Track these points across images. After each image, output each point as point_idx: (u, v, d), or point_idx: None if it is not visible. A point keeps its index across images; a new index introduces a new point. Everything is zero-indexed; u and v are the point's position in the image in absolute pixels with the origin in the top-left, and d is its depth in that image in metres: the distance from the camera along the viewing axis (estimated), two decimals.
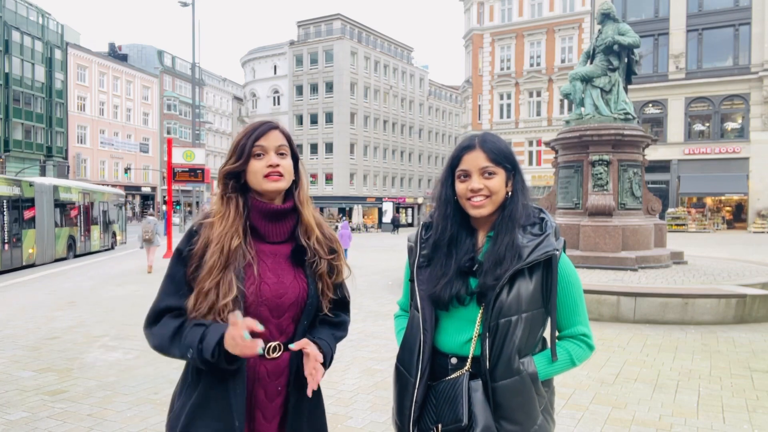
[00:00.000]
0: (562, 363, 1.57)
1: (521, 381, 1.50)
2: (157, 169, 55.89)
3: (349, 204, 49.94)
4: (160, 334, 1.53)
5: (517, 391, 1.50)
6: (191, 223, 1.69)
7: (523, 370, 1.50)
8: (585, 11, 38.36)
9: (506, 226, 1.56)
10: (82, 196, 19.81)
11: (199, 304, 1.50)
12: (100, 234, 21.37)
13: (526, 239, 1.54)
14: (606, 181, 10.38)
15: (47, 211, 16.87)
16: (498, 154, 1.58)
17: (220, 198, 1.64)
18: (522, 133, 40.46)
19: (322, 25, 54.72)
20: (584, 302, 1.62)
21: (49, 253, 16.85)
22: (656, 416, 4.08)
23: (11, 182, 15.38)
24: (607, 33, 11.21)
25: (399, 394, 1.64)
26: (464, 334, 1.57)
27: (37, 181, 17.37)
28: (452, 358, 1.57)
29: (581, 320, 1.60)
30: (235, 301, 1.50)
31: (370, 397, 4.48)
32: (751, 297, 7.40)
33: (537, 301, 1.53)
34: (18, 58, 41.89)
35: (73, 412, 4.16)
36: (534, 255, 1.51)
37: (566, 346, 1.59)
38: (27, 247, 15.40)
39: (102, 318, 7.92)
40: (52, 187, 17.54)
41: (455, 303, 1.56)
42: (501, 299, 1.49)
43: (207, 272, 1.51)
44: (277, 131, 1.62)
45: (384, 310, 8.29)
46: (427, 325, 1.58)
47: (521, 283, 1.51)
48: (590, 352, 1.62)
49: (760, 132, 32.09)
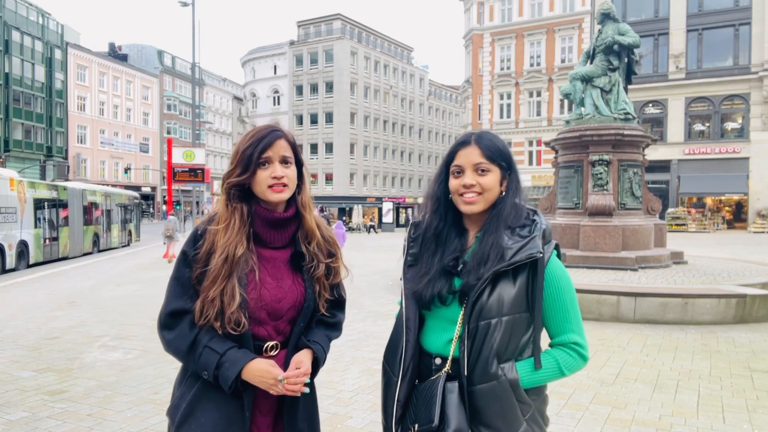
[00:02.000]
0: (548, 371, 1.51)
1: (500, 386, 1.45)
2: (157, 169, 55.91)
3: (349, 204, 49.93)
4: (176, 346, 1.59)
5: (495, 396, 1.45)
6: (196, 226, 1.72)
7: (501, 375, 1.45)
8: (585, 11, 38.35)
9: (493, 226, 1.54)
10: (104, 198, 22.17)
11: (206, 311, 1.55)
12: (119, 232, 23.67)
13: (512, 241, 1.51)
14: (606, 181, 10.38)
15: (77, 212, 19.32)
16: (493, 151, 1.56)
17: (224, 205, 1.65)
18: (522, 133, 40.46)
19: (322, 25, 54.73)
20: (578, 309, 1.56)
21: (78, 248, 19.26)
22: (656, 416, 4.08)
23: (50, 187, 18.08)
24: (607, 33, 11.21)
25: (383, 393, 1.63)
26: (446, 334, 1.55)
27: (69, 185, 19.83)
28: (436, 358, 1.56)
29: (573, 328, 1.53)
30: (239, 309, 1.54)
31: (370, 397, 4.48)
32: (751, 297, 7.40)
33: (520, 305, 1.49)
34: (18, 58, 41.90)
35: (73, 412, 4.16)
36: (517, 257, 1.47)
37: (555, 354, 1.52)
38: (62, 242, 17.97)
39: (102, 318, 7.92)
40: (81, 191, 20.07)
41: (437, 302, 1.55)
42: (481, 301, 1.47)
43: (212, 281, 1.55)
44: (282, 140, 1.64)
45: (384, 310, 8.29)
46: (410, 324, 1.57)
47: (504, 285, 1.48)
48: (583, 363, 1.54)
49: (760, 132, 32.09)
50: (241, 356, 1.54)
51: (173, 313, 1.59)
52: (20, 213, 15.43)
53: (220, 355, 1.53)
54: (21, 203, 15.55)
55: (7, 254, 14.57)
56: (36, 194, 16.56)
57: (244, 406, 1.57)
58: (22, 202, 15.60)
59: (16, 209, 15.22)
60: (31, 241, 16.00)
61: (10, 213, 14.94)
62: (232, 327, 1.53)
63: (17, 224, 15.23)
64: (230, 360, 1.53)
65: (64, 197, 18.44)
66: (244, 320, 1.54)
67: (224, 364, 1.52)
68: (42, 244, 16.66)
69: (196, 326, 1.57)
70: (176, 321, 1.59)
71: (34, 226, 16.21)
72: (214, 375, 1.52)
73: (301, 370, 1.58)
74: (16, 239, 15.07)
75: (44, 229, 16.83)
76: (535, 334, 1.53)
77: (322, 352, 1.68)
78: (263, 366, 1.54)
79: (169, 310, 1.60)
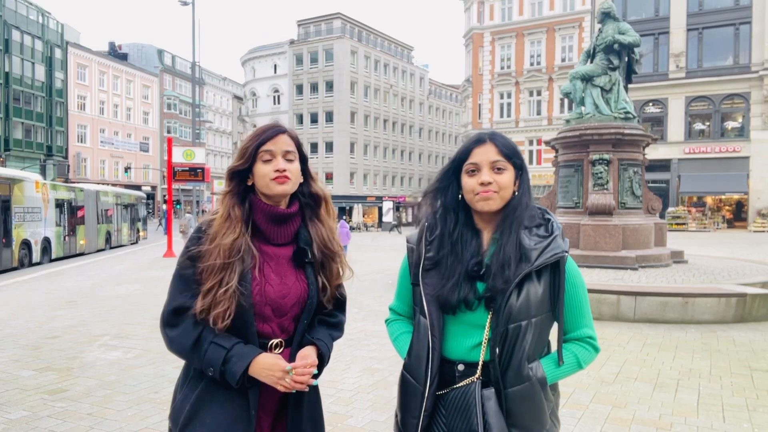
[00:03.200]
0: (569, 366, 1.55)
1: (531, 387, 1.47)
2: (157, 168, 55.89)
3: (350, 203, 49.90)
4: (180, 343, 1.57)
5: (528, 397, 1.47)
6: (199, 223, 1.72)
7: (532, 375, 1.47)
8: (585, 10, 38.34)
9: (510, 227, 1.53)
10: (115, 199, 23.85)
11: (204, 304, 1.54)
12: (128, 230, 25.35)
13: (533, 241, 1.51)
14: (606, 180, 10.37)
15: (92, 211, 21.04)
16: (509, 149, 1.57)
17: (223, 197, 1.67)
18: (522, 132, 40.45)
19: (322, 24, 54.71)
20: (589, 304, 1.60)
21: (93, 244, 20.97)
22: (656, 415, 4.08)
23: (69, 189, 20.12)
24: (608, 32, 11.20)
25: (406, 404, 1.58)
26: (471, 340, 1.52)
27: (85, 187, 21.69)
28: (459, 364, 1.52)
29: (587, 322, 1.58)
30: (233, 299, 1.53)
31: (371, 396, 4.48)
32: (752, 296, 7.40)
33: (545, 305, 1.51)
34: (18, 57, 41.88)
35: (73, 411, 4.16)
36: (543, 258, 1.48)
37: (573, 349, 1.56)
38: (79, 239, 19.77)
39: (102, 317, 7.92)
40: (96, 192, 21.83)
41: (462, 307, 1.52)
42: (511, 304, 1.46)
43: (209, 272, 1.56)
44: (285, 135, 1.65)
45: (384, 310, 8.20)
46: (435, 331, 1.53)
47: (530, 286, 1.48)
48: (596, 354, 1.60)
49: (760, 131, 32.08)
50: (249, 351, 1.54)
51: (176, 310, 1.58)
52: (44, 212, 17.00)
53: (227, 350, 1.52)
54: (45, 204, 17.09)
55: (33, 249, 16.17)
56: (57, 195, 18.16)
57: (249, 405, 1.56)
58: (45, 202, 17.16)
59: (40, 209, 16.78)
60: (53, 238, 17.58)
61: (36, 212, 16.50)
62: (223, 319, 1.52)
63: (42, 222, 16.81)
64: (237, 355, 1.52)
65: (81, 198, 20.10)
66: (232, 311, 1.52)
67: (231, 359, 1.51)
68: (62, 240, 18.30)
69: (200, 323, 1.56)
70: (180, 318, 1.58)
71: (55, 224, 17.82)
72: (220, 371, 1.51)
73: (308, 362, 1.57)
74: (41, 236, 16.67)
75: (64, 227, 18.45)
76: (559, 331, 1.55)
77: (326, 349, 1.67)
78: (271, 360, 1.54)
79: (173, 308, 1.59)
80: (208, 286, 1.54)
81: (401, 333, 1.72)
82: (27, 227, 15.82)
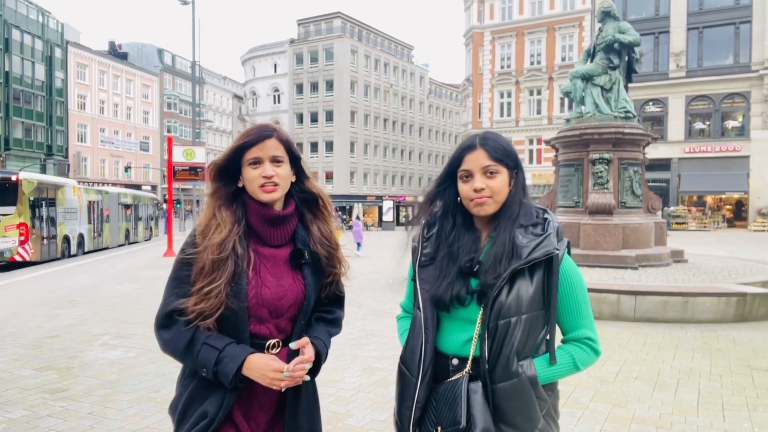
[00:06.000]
0: (563, 367, 1.55)
1: (520, 384, 1.48)
2: (157, 167, 55.85)
3: (350, 202, 49.91)
4: (173, 345, 1.58)
5: (516, 394, 1.48)
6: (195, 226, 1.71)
7: (522, 372, 1.48)
8: (585, 9, 38.31)
9: (505, 225, 1.55)
10: (133, 199, 26.66)
11: (196, 305, 1.54)
12: (143, 228, 28.05)
13: (527, 239, 1.52)
14: (606, 180, 10.37)
15: (115, 211, 23.84)
16: (499, 152, 1.57)
17: (208, 198, 1.67)
18: (522, 131, 40.44)
19: (323, 23, 54.68)
20: (589, 305, 1.59)
21: (116, 240, 23.84)
22: (656, 414, 4.08)
23: (97, 191, 22.98)
24: (608, 31, 11.19)
25: (401, 395, 1.63)
26: (464, 335, 1.55)
27: (110, 190, 24.72)
28: (453, 359, 1.56)
29: (586, 323, 1.57)
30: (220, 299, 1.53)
31: (371, 395, 4.48)
32: (752, 295, 7.40)
33: (537, 303, 1.51)
34: (18, 56, 41.87)
35: (73, 410, 4.16)
36: (533, 255, 1.49)
37: (569, 350, 1.56)
38: (105, 235, 22.65)
39: (103, 316, 7.92)
40: (117, 194, 24.73)
41: (455, 304, 1.55)
42: (500, 300, 1.48)
43: (199, 273, 1.56)
44: (272, 140, 1.62)
45: (384, 309, 8.29)
46: (429, 324, 1.57)
47: (521, 283, 1.49)
48: (595, 357, 1.59)
49: (760, 130, 32.07)
50: (241, 351, 1.54)
51: (170, 313, 1.58)
52: (79, 212, 19.78)
53: (219, 351, 1.53)
54: (79, 204, 19.92)
55: (71, 243, 19.02)
56: (88, 197, 21.11)
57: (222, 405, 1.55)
58: (80, 203, 20.00)
59: (76, 209, 19.60)
60: (86, 234, 20.51)
61: (73, 212, 19.31)
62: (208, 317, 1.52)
63: (77, 221, 19.65)
64: (229, 355, 1.53)
65: (107, 199, 22.99)
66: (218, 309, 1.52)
67: (224, 360, 1.52)
68: (92, 236, 21.23)
69: (193, 324, 1.56)
70: (173, 320, 1.58)
71: (87, 222, 20.71)
72: (213, 371, 1.52)
73: (303, 357, 1.58)
74: (77, 232, 19.59)
75: (94, 224, 21.38)
76: (551, 330, 1.56)
77: (323, 347, 1.68)
78: (264, 360, 1.54)
79: (167, 311, 1.59)
80: (197, 287, 1.55)
81: (406, 329, 1.74)
82: (67, 225, 18.65)
